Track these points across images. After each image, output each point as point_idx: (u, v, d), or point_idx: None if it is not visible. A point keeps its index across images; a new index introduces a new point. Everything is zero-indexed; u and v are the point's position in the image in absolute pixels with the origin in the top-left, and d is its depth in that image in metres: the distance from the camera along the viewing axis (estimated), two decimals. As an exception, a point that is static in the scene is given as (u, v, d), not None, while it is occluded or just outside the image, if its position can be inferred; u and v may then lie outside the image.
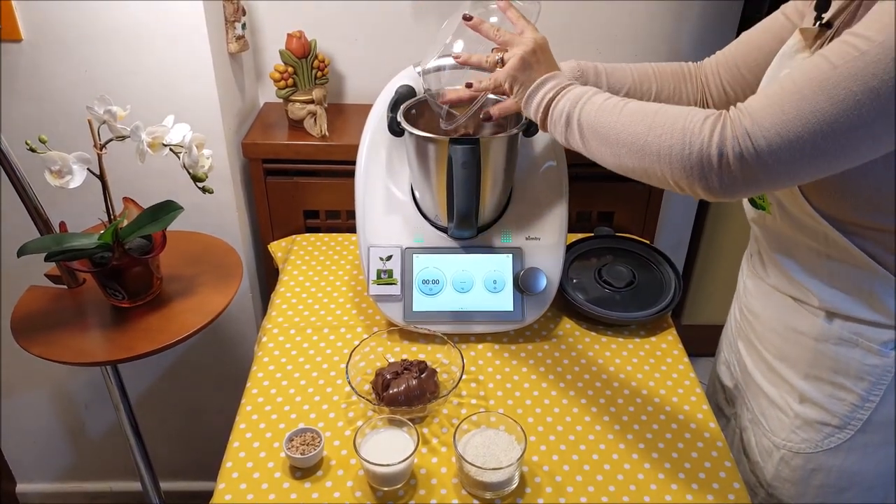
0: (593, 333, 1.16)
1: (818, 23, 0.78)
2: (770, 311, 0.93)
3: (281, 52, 1.36)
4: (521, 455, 0.87)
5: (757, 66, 0.93)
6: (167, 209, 1.07)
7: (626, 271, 1.23)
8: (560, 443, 0.96)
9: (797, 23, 0.89)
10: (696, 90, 1.02)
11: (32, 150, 0.96)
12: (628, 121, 0.77)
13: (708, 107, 1.01)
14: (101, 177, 1.02)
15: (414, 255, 1.12)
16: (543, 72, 0.89)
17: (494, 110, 0.95)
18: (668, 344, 1.14)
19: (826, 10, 0.78)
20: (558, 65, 0.93)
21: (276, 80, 1.37)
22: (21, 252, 1.01)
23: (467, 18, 0.94)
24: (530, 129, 1.05)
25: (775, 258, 0.89)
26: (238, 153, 1.40)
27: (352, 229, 1.44)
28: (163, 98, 1.26)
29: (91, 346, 1.06)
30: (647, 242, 1.32)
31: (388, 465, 0.86)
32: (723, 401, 1.11)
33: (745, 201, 0.92)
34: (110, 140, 1.01)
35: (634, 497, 0.89)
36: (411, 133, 1.02)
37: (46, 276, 1.16)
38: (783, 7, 0.92)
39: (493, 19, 0.94)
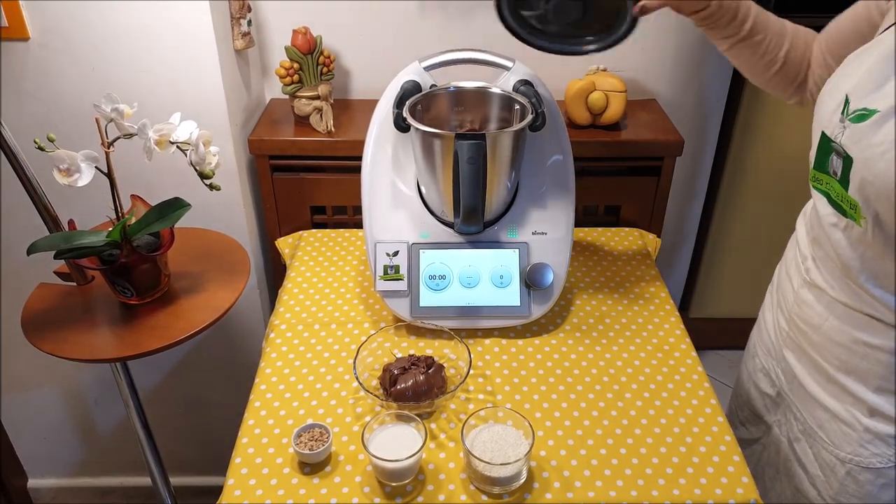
0: (600, 328, 1.15)
1: None
2: (833, 324, 0.89)
3: (286, 49, 1.36)
4: (529, 450, 0.88)
5: (841, 59, 0.90)
6: (174, 206, 1.07)
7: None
8: (568, 438, 0.96)
9: (884, 7, 0.84)
10: (806, 63, 0.98)
11: (41, 148, 0.97)
12: None
13: (805, 88, 0.99)
14: (109, 175, 1.02)
15: (420, 251, 1.12)
16: None
17: (638, 7, 0.94)
18: (676, 338, 1.14)
19: None
20: None
21: (281, 77, 1.38)
22: (31, 250, 1.01)
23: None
24: (536, 123, 1.05)
25: (849, 270, 0.84)
26: (244, 150, 1.40)
27: (358, 225, 1.44)
28: (169, 95, 1.26)
29: (100, 342, 1.07)
30: None
31: (396, 460, 0.86)
32: (762, 407, 1.09)
33: (826, 207, 0.85)
34: (118, 138, 1.01)
35: (642, 492, 0.89)
36: (417, 129, 1.02)
37: (56, 273, 1.17)
38: (866, 3, 0.88)
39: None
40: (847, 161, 0.78)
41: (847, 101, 0.79)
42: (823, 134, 0.83)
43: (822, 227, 0.87)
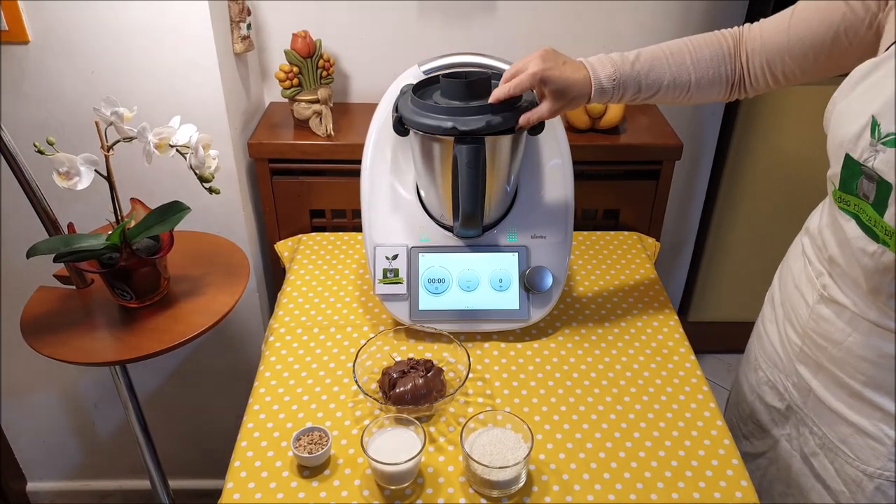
0: (599, 331, 1.15)
1: None
2: (857, 339, 0.86)
3: (286, 52, 1.36)
4: (528, 453, 0.88)
5: (803, 54, 0.89)
6: (174, 210, 1.07)
7: None
8: (567, 441, 0.96)
9: (861, 15, 0.83)
10: (734, 70, 0.96)
11: (40, 151, 0.97)
12: None
13: (742, 84, 0.96)
14: (109, 178, 1.02)
15: (420, 254, 1.12)
16: (571, 66, 0.92)
17: (523, 120, 0.95)
18: (675, 342, 1.14)
19: None
20: (592, 59, 0.94)
21: (281, 80, 1.38)
22: (30, 253, 1.01)
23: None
24: (536, 128, 1.05)
25: (878, 293, 0.82)
26: (244, 153, 1.40)
27: (357, 228, 1.44)
28: (169, 99, 1.27)
29: (100, 346, 1.07)
30: None
31: (395, 463, 0.86)
32: (768, 421, 1.07)
33: (855, 230, 0.82)
34: (117, 141, 1.01)
35: (641, 495, 0.89)
36: (416, 132, 1.02)
37: (55, 276, 1.17)
38: None
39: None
40: (883, 186, 0.75)
41: (876, 124, 0.75)
42: (849, 156, 0.80)
43: (850, 249, 0.84)
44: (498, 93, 0.94)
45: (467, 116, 0.96)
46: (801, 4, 0.90)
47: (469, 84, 0.97)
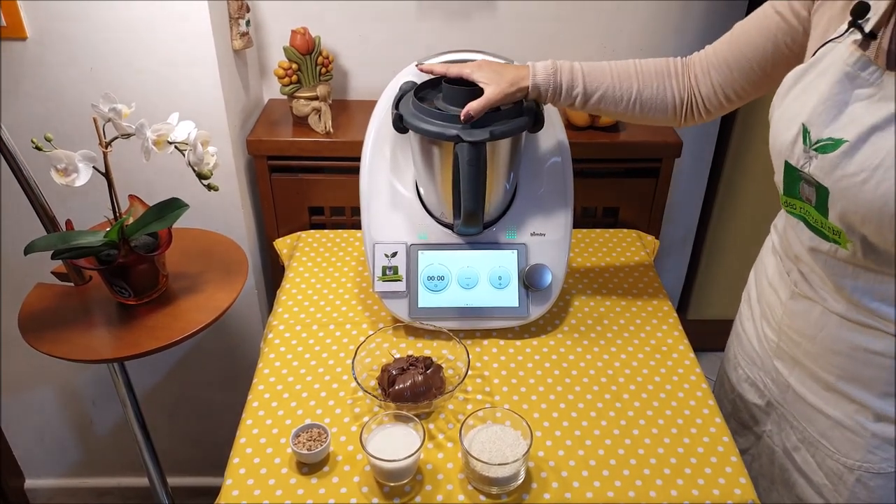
0: (598, 329, 1.15)
1: (861, 34, 0.74)
2: (830, 333, 0.87)
3: (285, 49, 1.36)
4: (527, 450, 0.88)
5: (749, 68, 0.92)
6: (172, 206, 1.07)
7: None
8: (566, 438, 0.96)
9: (793, 23, 0.86)
10: (683, 88, 0.99)
11: (38, 148, 0.97)
12: None
13: (695, 105, 0.99)
14: (107, 175, 1.02)
15: (419, 252, 1.12)
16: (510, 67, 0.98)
17: (466, 110, 0.95)
18: (674, 339, 1.14)
19: (864, 16, 0.74)
20: (534, 63, 0.98)
21: (280, 77, 1.38)
22: (28, 250, 1.01)
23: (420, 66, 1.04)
24: (536, 125, 1.05)
25: (842, 288, 0.83)
26: (243, 150, 1.40)
27: (357, 225, 1.44)
28: (167, 95, 1.26)
29: (98, 343, 1.07)
30: None
31: (394, 460, 0.86)
32: (749, 418, 1.07)
33: (805, 231, 0.85)
34: (115, 138, 1.01)
35: (640, 492, 0.89)
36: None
37: (53, 273, 1.16)
38: (774, 4, 0.89)
39: None
40: (822, 191, 0.77)
41: (806, 131, 0.78)
42: (787, 163, 0.82)
43: (807, 248, 0.86)
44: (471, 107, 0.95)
45: (472, 126, 0.96)
46: (741, 22, 0.94)
47: (472, 93, 0.98)
